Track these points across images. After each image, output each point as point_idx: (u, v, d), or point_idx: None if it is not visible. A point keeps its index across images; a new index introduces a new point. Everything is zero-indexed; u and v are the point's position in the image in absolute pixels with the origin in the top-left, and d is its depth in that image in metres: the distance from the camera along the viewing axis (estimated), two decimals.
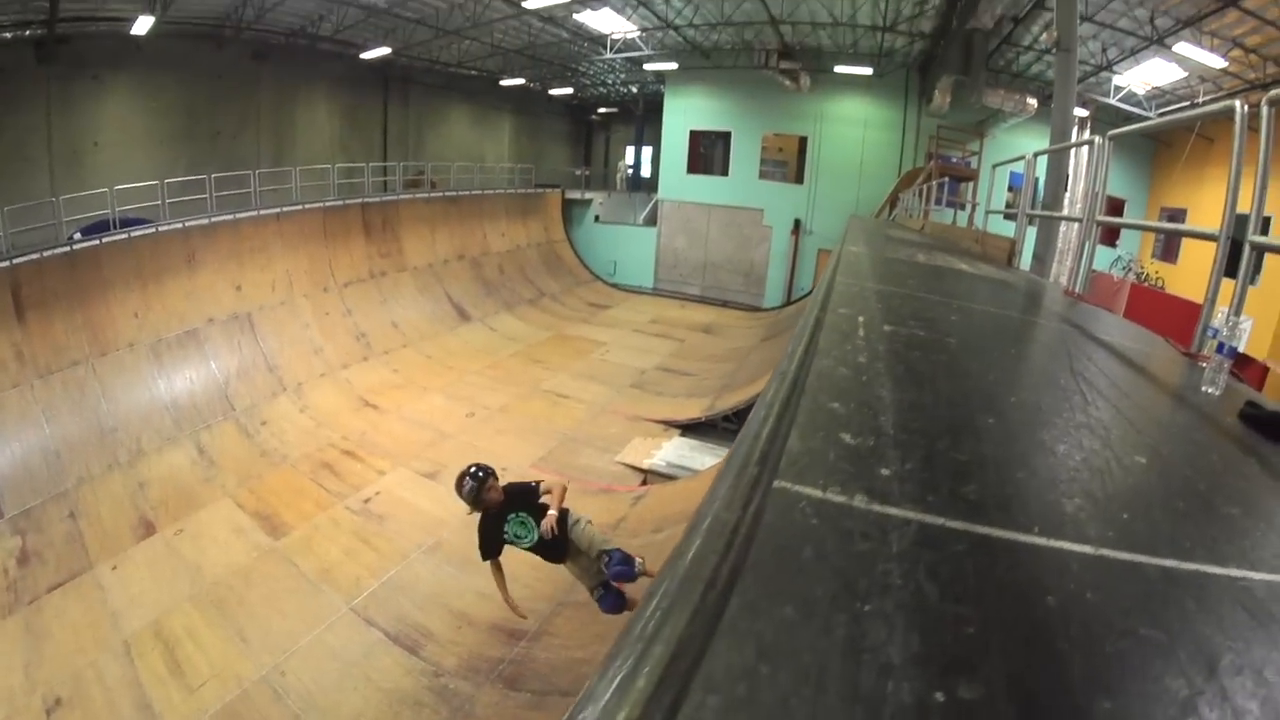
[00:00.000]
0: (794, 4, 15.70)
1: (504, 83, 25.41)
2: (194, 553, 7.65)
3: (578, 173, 29.27)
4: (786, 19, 16.45)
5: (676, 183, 22.72)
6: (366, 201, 16.11)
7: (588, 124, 35.90)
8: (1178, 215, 16.77)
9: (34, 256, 9.75)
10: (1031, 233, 6.60)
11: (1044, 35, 14.04)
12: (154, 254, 11.29)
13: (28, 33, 13.39)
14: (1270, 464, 1.38)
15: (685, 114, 22.26)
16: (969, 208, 15.38)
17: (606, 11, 16.64)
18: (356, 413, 11.46)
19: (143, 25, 13.72)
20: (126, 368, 10.23)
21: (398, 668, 5.88)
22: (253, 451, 10.01)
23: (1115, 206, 17.55)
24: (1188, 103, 14.78)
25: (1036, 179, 6.38)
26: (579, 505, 8.44)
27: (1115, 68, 14.41)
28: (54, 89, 14.41)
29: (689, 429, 11.17)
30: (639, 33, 18.88)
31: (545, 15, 17.31)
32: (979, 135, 16.69)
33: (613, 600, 4.32)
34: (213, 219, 12.39)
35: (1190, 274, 13.96)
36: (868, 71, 18.43)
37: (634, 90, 28.67)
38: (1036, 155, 5.97)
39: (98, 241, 10.70)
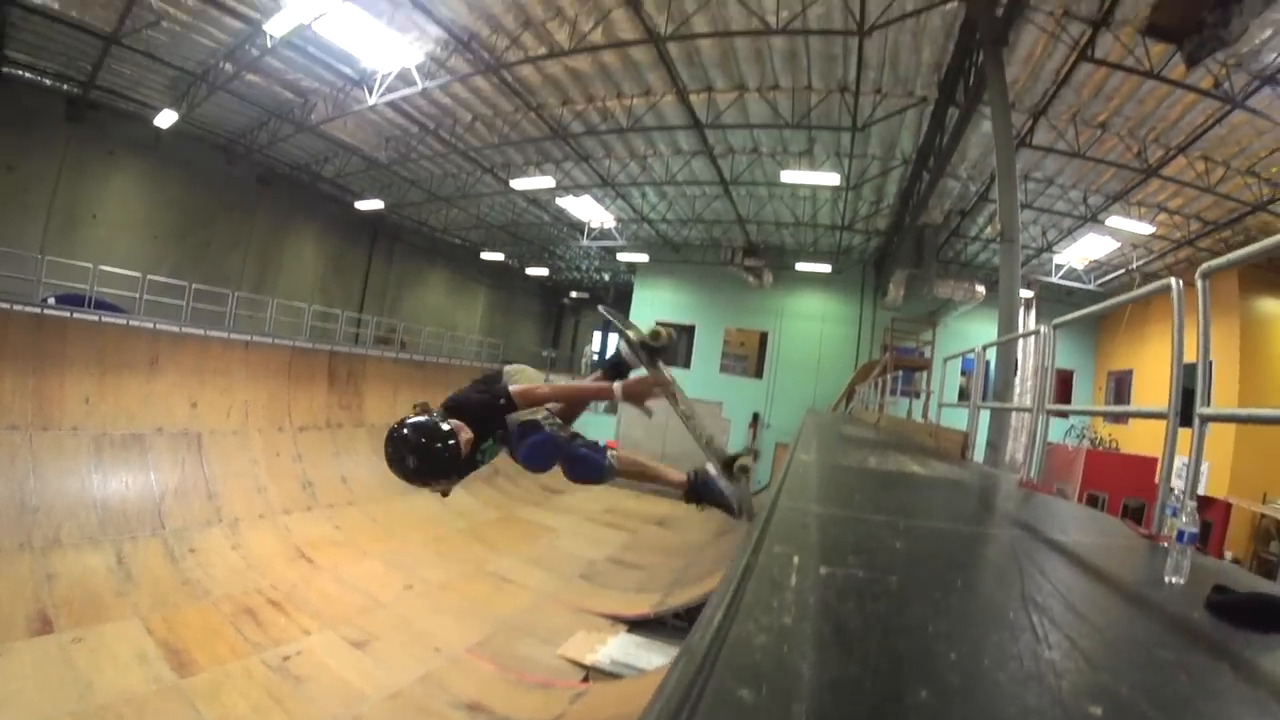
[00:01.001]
0: (760, 204, 17.26)
1: (484, 255, 26.72)
2: (89, 667, 6.76)
3: (545, 353, 29.98)
4: (752, 218, 18.01)
5: (639, 372, 23.11)
6: (335, 350, 16.15)
7: (559, 306, 37.45)
8: (1124, 377, 17.71)
9: (3, 306, 9.54)
10: (986, 414, 6.67)
11: (989, 227, 15.57)
12: (119, 345, 11.03)
13: (65, 86, 13.95)
14: (1241, 662, 1.24)
15: (653, 305, 23.26)
16: (923, 396, 16.00)
17: (587, 199, 17.95)
18: (291, 563, 10.64)
19: (166, 119, 14.28)
20: (65, 451, 9.69)
21: None
22: (175, 577, 9.17)
23: (1064, 378, 18.49)
24: (1122, 270, 16.24)
25: (988, 363, 6.58)
26: (513, 698, 7.67)
27: (1055, 248, 15.88)
28: (72, 149, 14.71)
29: (637, 625, 10.57)
30: (615, 223, 20.37)
31: (530, 197, 18.73)
32: (931, 325, 17.73)
33: (575, 463, 3.07)
34: (184, 328, 12.25)
35: (1143, 433, 14.40)
36: (827, 269, 20.04)
37: (606, 277, 30.37)
38: (985, 348, 6.16)
39: (69, 314, 10.45)
